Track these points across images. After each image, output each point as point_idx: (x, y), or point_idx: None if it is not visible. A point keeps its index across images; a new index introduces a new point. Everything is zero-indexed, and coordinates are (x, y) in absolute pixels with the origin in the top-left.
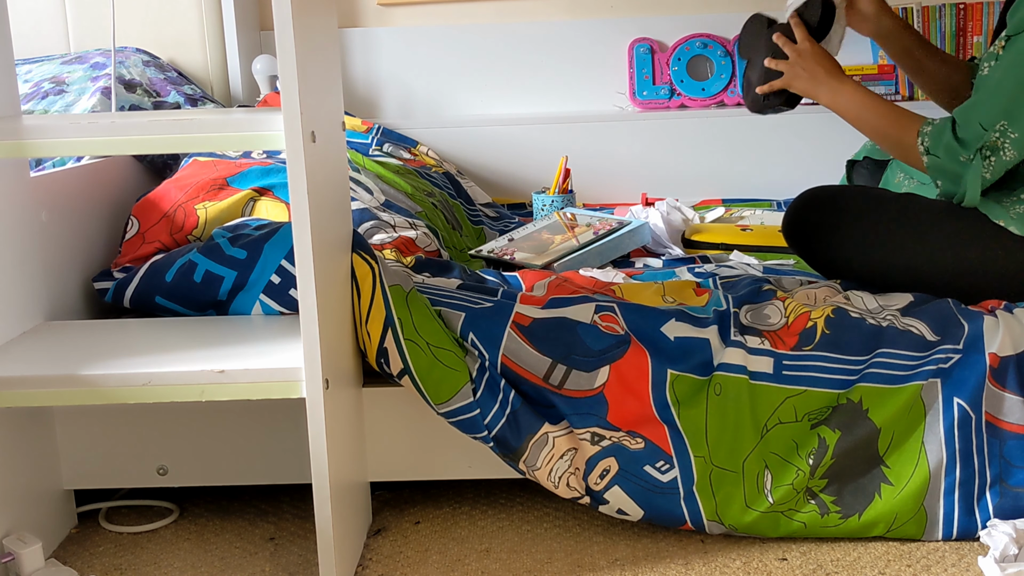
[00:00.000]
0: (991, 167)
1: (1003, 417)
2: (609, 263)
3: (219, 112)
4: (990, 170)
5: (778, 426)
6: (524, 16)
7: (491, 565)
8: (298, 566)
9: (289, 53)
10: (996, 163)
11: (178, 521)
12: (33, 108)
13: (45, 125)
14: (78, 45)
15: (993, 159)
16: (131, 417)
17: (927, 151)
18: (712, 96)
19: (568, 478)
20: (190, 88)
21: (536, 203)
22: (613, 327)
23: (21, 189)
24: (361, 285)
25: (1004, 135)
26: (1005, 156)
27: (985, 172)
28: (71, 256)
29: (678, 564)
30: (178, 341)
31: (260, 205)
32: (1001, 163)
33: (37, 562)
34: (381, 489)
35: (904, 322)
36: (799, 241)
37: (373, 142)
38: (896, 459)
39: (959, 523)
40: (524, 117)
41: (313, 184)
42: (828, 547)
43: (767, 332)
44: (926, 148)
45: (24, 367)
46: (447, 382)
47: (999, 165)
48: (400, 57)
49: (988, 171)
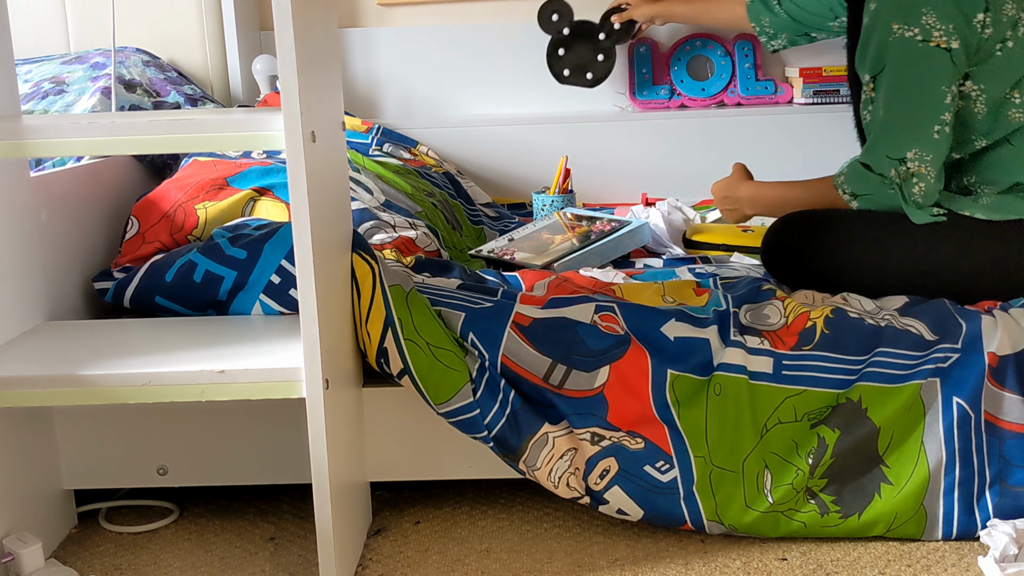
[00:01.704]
0: (923, 192)
1: (1002, 416)
2: (609, 263)
3: (219, 112)
4: (922, 195)
5: (778, 426)
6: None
7: (491, 565)
8: (298, 566)
9: (289, 53)
10: (926, 187)
11: (178, 521)
12: (33, 108)
13: (45, 125)
14: (78, 45)
15: (922, 184)
16: (131, 417)
17: (853, 195)
18: (712, 96)
19: (568, 478)
20: (190, 88)
21: (536, 203)
22: (613, 327)
23: (21, 189)
24: (361, 285)
25: (921, 161)
26: (931, 177)
27: (917, 197)
28: (71, 256)
29: (678, 564)
30: (178, 341)
31: (260, 205)
32: (930, 186)
33: (37, 562)
34: (381, 489)
35: (902, 322)
36: (783, 264)
37: (373, 142)
38: (896, 458)
39: (959, 522)
40: (524, 117)
41: (313, 184)
42: (828, 547)
43: (767, 332)
44: (852, 194)
45: (24, 367)
46: (447, 382)
47: (929, 188)
48: (400, 57)
49: (920, 195)
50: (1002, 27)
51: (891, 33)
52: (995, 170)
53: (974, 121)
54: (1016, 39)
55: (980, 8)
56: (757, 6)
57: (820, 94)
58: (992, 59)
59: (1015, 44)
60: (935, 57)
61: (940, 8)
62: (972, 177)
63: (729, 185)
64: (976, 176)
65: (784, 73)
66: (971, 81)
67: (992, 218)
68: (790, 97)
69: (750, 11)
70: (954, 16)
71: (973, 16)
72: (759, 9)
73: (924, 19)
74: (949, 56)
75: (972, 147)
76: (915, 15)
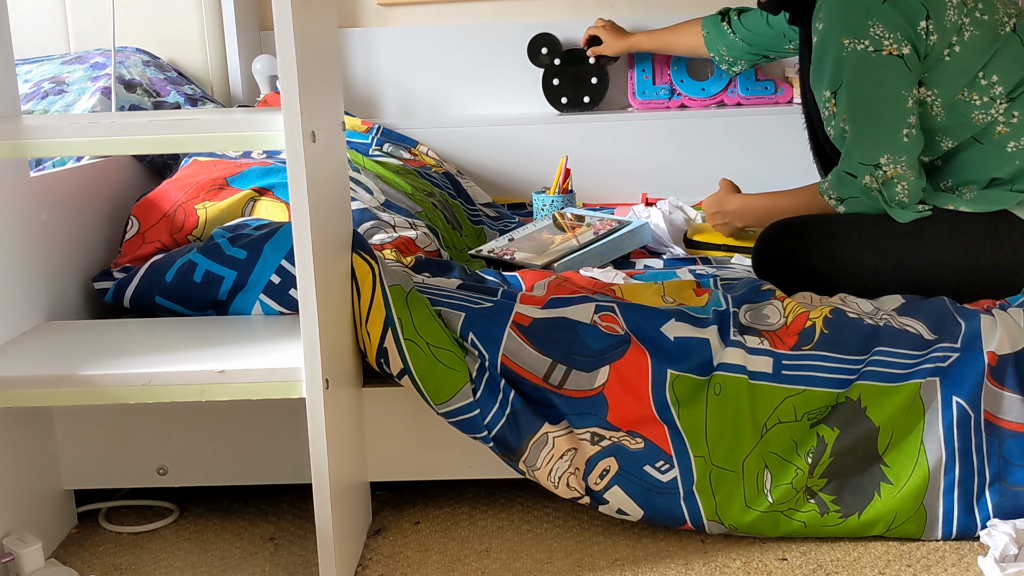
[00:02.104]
0: (906, 191)
1: (1002, 415)
2: (609, 263)
3: (219, 112)
4: (906, 193)
5: (777, 426)
6: (524, 16)
7: (491, 565)
8: (298, 566)
9: (289, 53)
10: (909, 185)
11: (178, 521)
12: (33, 108)
13: (45, 125)
14: (78, 45)
15: (903, 183)
16: (131, 417)
17: (840, 200)
18: (712, 96)
19: (568, 478)
20: (190, 88)
21: (536, 203)
22: (613, 327)
23: (21, 189)
24: (361, 285)
25: (895, 163)
26: (911, 176)
27: (903, 197)
28: (71, 256)
29: (678, 564)
30: (178, 341)
31: (260, 205)
32: (913, 183)
33: (37, 562)
34: (381, 489)
35: (901, 321)
36: (775, 270)
37: (373, 142)
38: (895, 458)
39: (959, 522)
40: (524, 117)
41: (313, 184)
42: (828, 547)
43: (766, 332)
44: (838, 199)
45: (24, 367)
46: (447, 382)
47: (912, 185)
48: (400, 57)
49: (905, 194)
50: (946, 33)
51: (843, 48)
52: (970, 170)
53: (934, 124)
54: (962, 43)
55: (921, 16)
56: (713, 36)
57: None
58: (941, 64)
59: (962, 48)
60: (890, 65)
61: (885, 18)
62: (948, 180)
63: (718, 201)
64: (952, 178)
65: (784, 73)
66: (925, 87)
67: (977, 210)
68: (790, 97)
69: (707, 41)
70: (899, 24)
71: (916, 24)
72: (715, 39)
73: (872, 31)
74: (903, 62)
75: (940, 149)
76: (863, 28)
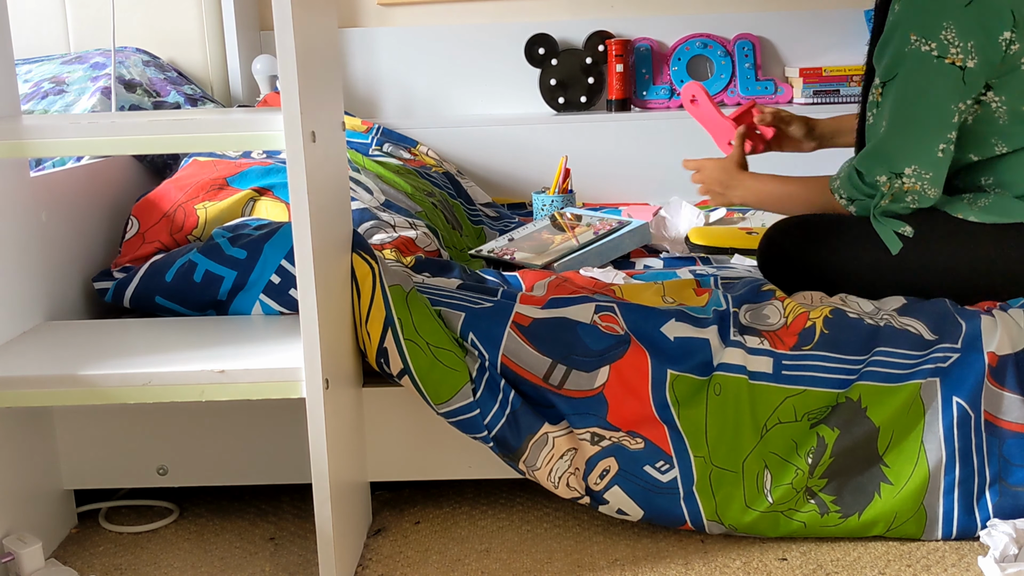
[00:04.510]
0: (916, 202)
1: (1002, 416)
2: (609, 263)
3: (219, 112)
4: (915, 203)
5: (778, 426)
6: (524, 16)
7: (491, 565)
8: (298, 566)
9: (289, 53)
10: (920, 199)
11: (178, 521)
12: (33, 108)
13: (45, 125)
14: (78, 45)
15: (916, 198)
16: (131, 417)
17: (849, 200)
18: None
19: (568, 478)
20: (190, 88)
21: (536, 203)
22: (613, 327)
23: (21, 189)
24: (361, 285)
25: (919, 178)
26: (928, 194)
27: (911, 205)
28: (71, 256)
29: (678, 564)
30: (178, 341)
31: (260, 205)
32: (926, 200)
33: (37, 562)
34: (381, 489)
35: (902, 321)
36: (779, 269)
37: (373, 142)
38: (895, 458)
39: (959, 522)
40: (524, 117)
41: (313, 184)
42: (828, 547)
43: (766, 332)
44: (847, 199)
45: (24, 367)
46: (447, 382)
47: (923, 201)
48: (400, 57)
49: (914, 203)
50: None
51: (908, 43)
52: (1013, 173)
53: (995, 127)
54: None
55: (1007, 26)
56: None
57: (820, 94)
58: (1015, 73)
59: None
60: (948, 75)
61: (961, 24)
62: (990, 178)
63: (726, 169)
64: (993, 178)
65: (784, 73)
66: (993, 92)
67: (985, 221)
68: (790, 97)
69: None
70: (975, 33)
71: (999, 34)
72: None
73: (943, 34)
74: (961, 75)
75: (992, 151)
76: (935, 29)
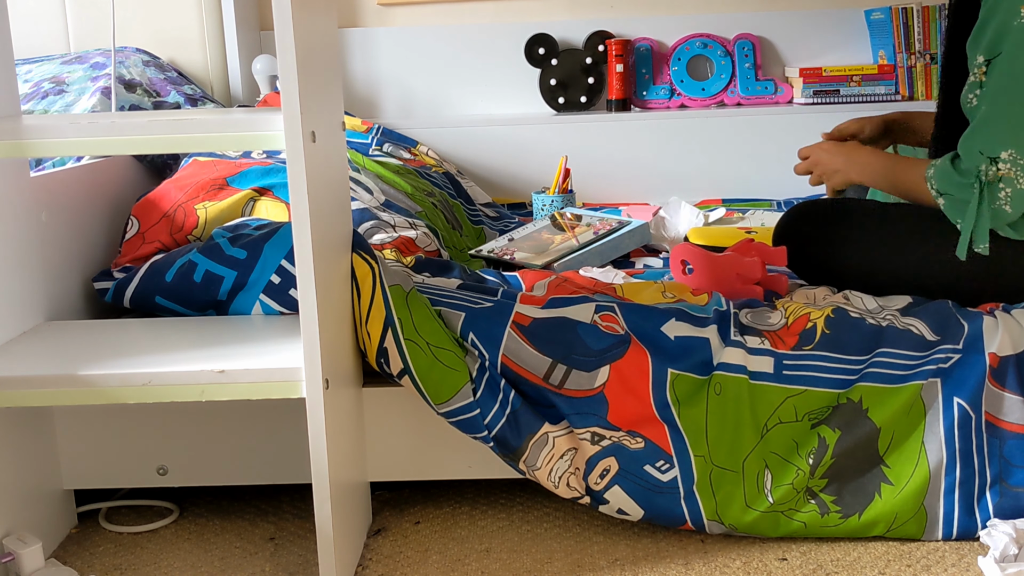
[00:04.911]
0: (1009, 199)
1: (1003, 417)
2: (609, 263)
3: (219, 112)
4: (1008, 202)
5: (778, 426)
6: (524, 16)
7: (491, 565)
8: (298, 566)
9: (289, 53)
10: (1013, 194)
11: (178, 521)
12: (33, 108)
13: (45, 125)
14: (78, 45)
15: (1009, 190)
16: (131, 417)
17: (939, 192)
18: (712, 96)
19: (568, 478)
20: (190, 88)
21: (536, 203)
22: (613, 327)
23: (21, 189)
24: (361, 285)
25: (1015, 163)
26: (1020, 185)
27: (1004, 205)
28: (71, 256)
29: (678, 564)
30: (178, 341)
31: (260, 205)
32: (1019, 193)
33: (37, 562)
34: (381, 489)
35: (904, 322)
36: (791, 253)
37: (373, 142)
38: (896, 459)
39: (959, 523)
40: (524, 117)
41: (313, 184)
42: (828, 547)
43: (767, 332)
44: (937, 191)
45: (24, 367)
46: (447, 382)
47: (1017, 196)
48: (400, 57)
49: (1007, 203)
50: None
51: (1017, 16)
52: None
53: None
54: None
55: None
56: None
57: (820, 94)
58: None
59: None
60: None
61: None
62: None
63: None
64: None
65: (784, 73)
66: None
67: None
68: (790, 97)
69: None
70: None
71: None
72: None
73: None
74: None
75: None
76: None
